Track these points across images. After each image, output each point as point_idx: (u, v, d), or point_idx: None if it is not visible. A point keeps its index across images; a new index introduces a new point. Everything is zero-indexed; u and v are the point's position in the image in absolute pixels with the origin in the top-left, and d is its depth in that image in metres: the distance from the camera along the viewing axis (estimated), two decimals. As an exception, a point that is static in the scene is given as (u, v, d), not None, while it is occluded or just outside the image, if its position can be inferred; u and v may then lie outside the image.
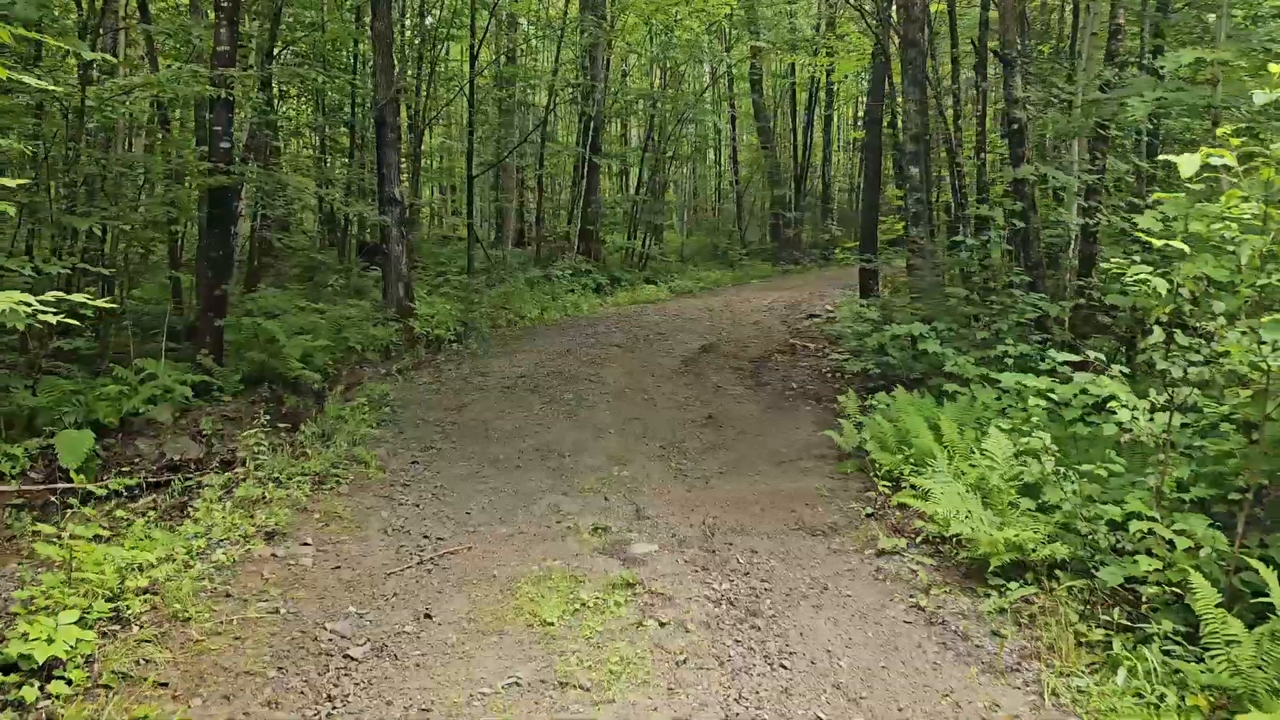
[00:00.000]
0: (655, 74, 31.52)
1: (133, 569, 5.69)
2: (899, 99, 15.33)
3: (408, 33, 25.03)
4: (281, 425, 10.88)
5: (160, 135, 12.96)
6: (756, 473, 8.48)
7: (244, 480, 8.08)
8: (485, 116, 28.03)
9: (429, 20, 24.34)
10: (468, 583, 6.04)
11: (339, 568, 6.30)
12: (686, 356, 13.58)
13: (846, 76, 32.20)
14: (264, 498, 7.55)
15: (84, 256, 9.60)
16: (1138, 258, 5.78)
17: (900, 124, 14.15)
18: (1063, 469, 6.02)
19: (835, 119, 32.27)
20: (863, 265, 16.45)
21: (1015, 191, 10.64)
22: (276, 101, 25.96)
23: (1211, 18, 9.95)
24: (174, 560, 6.09)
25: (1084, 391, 6.67)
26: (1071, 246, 11.39)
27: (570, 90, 24.63)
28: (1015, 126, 10.60)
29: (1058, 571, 5.65)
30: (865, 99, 32.33)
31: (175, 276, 13.97)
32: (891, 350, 10.39)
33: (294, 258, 23.50)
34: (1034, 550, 5.64)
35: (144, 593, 5.54)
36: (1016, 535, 5.59)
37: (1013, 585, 5.60)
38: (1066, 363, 7.67)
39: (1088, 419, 6.65)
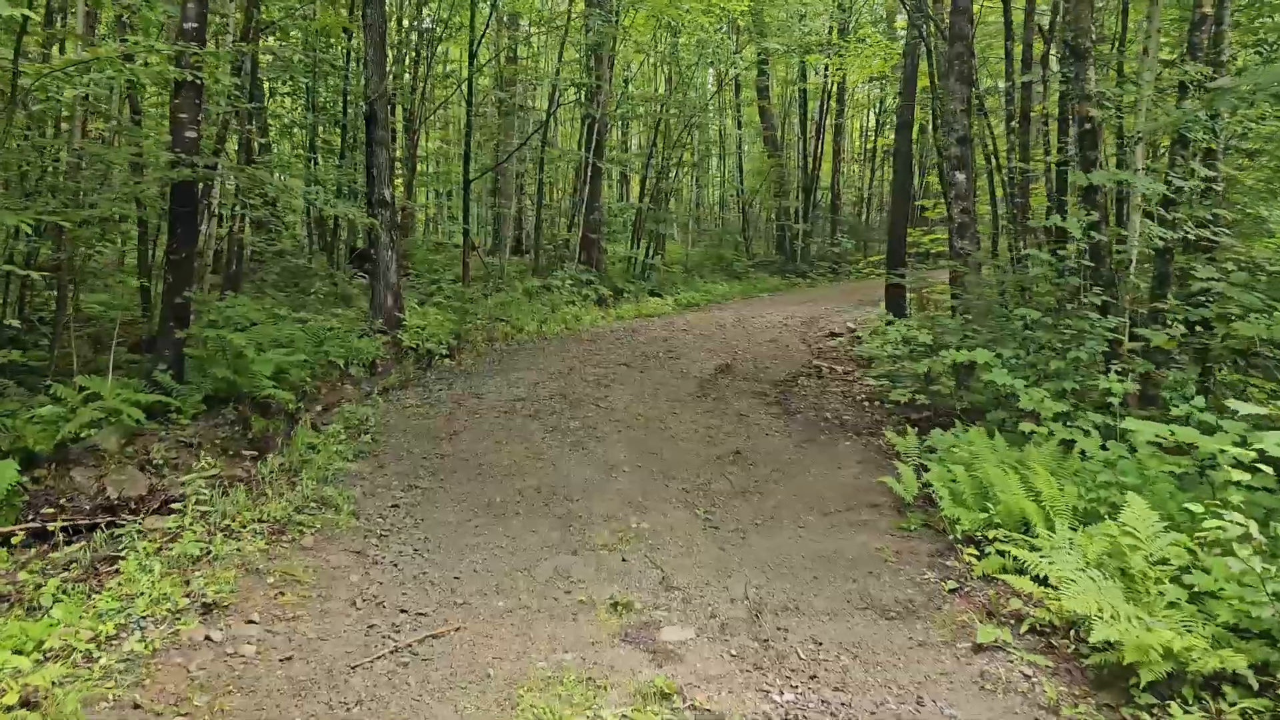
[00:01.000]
0: (659, 79, 30.20)
1: (12, 668, 4.27)
2: (938, 99, 13.99)
3: (404, 31, 23.71)
4: (247, 453, 9.48)
5: (120, 123, 11.52)
6: (800, 525, 7.07)
7: (191, 527, 6.67)
8: (484, 119, 26.67)
9: (426, 18, 23.00)
10: (455, 686, 4.62)
11: (290, 658, 4.87)
12: (702, 378, 12.18)
13: (860, 85, 30.95)
14: (208, 554, 6.13)
15: (10, 258, 8.12)
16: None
17: (940, 127, 12.79)
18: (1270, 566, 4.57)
19: (846, 128, 30.97)
20: (891, 281, 15.09)
21: (1086, 200, 9.28)
22: (266, 99, 24.65)
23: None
24: (74, 650, 4.67)
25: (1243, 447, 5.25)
26: (1133, 264, 10.02)
27: (574, 91, 23.24)
28: (1088, 126, 9.25)
29: (1226, 688, 4.28)
30: (877, 109, 31.13)
31: (145, 283, 12.66)
32: (944, 379, 9.01)
33: (278, 263, 22.12)
34: (1197, 659, 4.25)
35: (19, 707, 4.11)
36: (1181, 642, 4.20)
37: (1174, 709, 4.20)
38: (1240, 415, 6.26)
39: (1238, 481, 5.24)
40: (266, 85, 24.13)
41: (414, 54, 23.52)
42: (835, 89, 28.37)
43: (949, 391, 8.99)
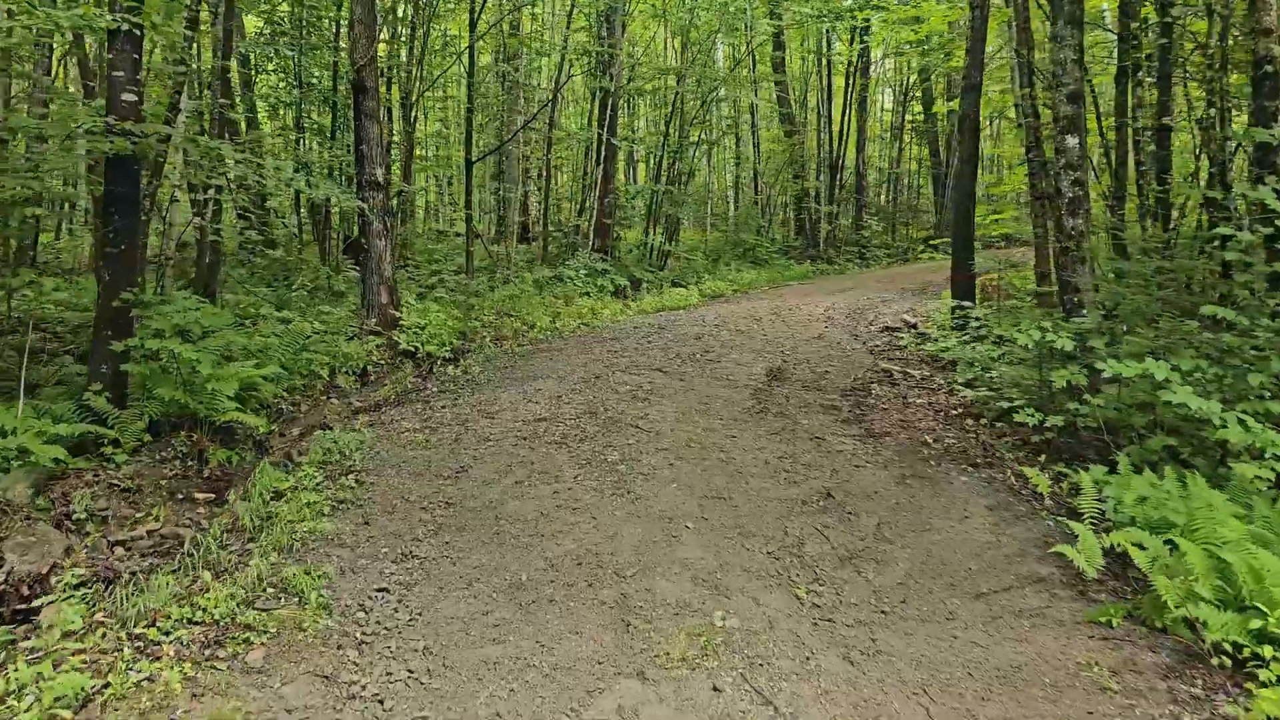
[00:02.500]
0: (671, 52, 28.01)
1: None
2: (1020, 55, 11.90)
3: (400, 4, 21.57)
4: (201, 496, 7.43)
5: (52, 88, 9.42)
6: (947, 617, 5.01)
7: (92, 632, 4.67)
8: (485, 99, 24.51)
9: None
10: None
11: None
12: (754, 387, 10.12)
13: (881, 60, 28.74)
14: (102, 690, 4.09)
15: None
16: None
17: (1048, 82, 10.71)
18: None
19: (869, 104, 28.76)
20: (957, 270, 12.99)
21: (1261, 164, 7.20)
22: (253, 73, 22.51)
23: None
24: None
25: None
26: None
27: (585, 60, 21.06)
28: (1269, 69, 7.15)
29: None
30: (904, 82, 28.94)
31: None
32: (1097, 399, 6.92)
33: (268, 256, 20.04)
34: None
35: None
36: None
37: None
38: None
39: None
40: (253, 60, 22.05)
41: (409, 26, 21.38)
42: (859, 61, 26.20)
43: (1094, 412, 6.92)
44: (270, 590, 5.15)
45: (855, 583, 5.42)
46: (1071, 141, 8.92)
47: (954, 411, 8.99)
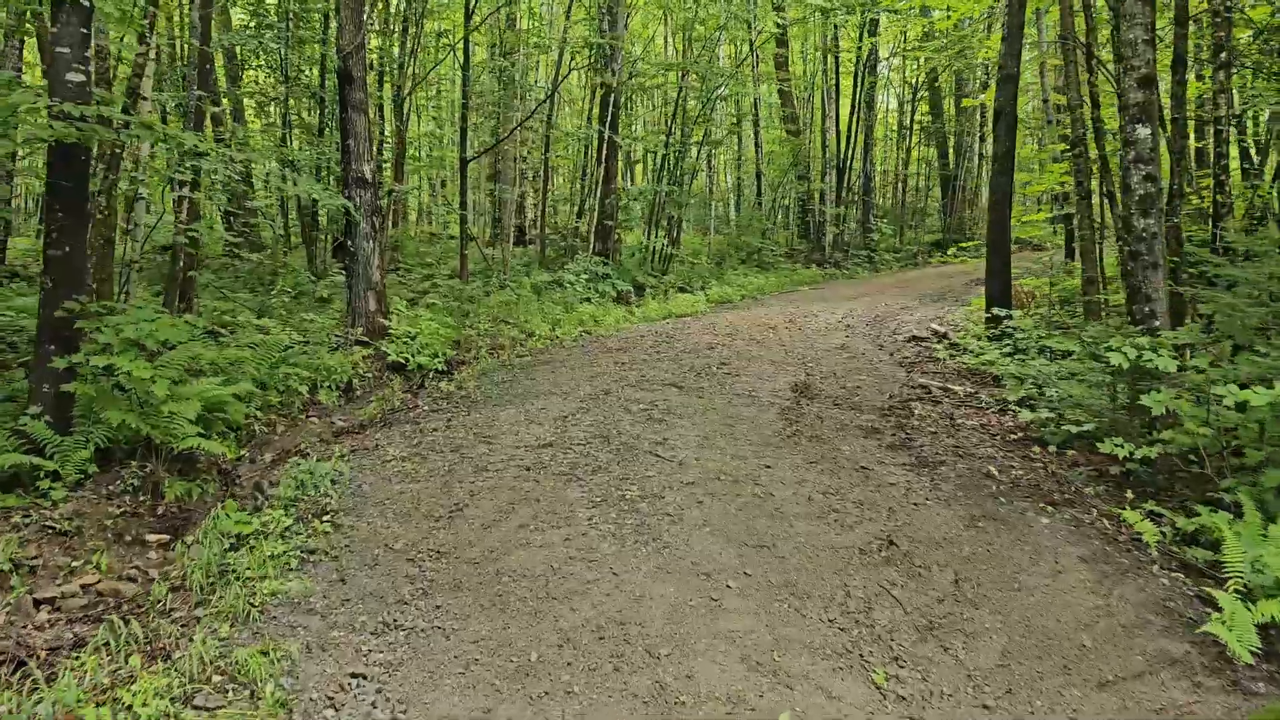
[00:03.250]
0: (672, 51, 27.00)
1: None
2: (1070, 38, 10.90)
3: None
4: (153, 539, 6.35)
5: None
6: (1072, 715, 3.95)
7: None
8: (481, 97, 23.44)
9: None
10: None
11: None
12: (781, 405, 9.06)
13: (889, 60, 27.76)
14: None
15: None
16: None
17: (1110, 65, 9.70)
18: None
19: (876, 104, 27.72)
20: (994, 276, 11.95)
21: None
22: (241, 65, 21.44)
23: None
24: None
25: None
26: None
27: (586, 53, 20.00)
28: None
29: None
30: (913, 81, 27.93)
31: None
32: (1194, 425, 5.87)
33: (253, 259, 18.95)
34: None
35: None
36: None
37: None
38: None
39: None
40: (240, 55, 20.97)
41: (402, 21, 20.31)
42: (868, 59, 25.17)
43: (1204, 442, 5.86)
44: (216, 679, 4.07)
45: (943, 663, 4.35)
46: (1143, 132, 7.90)
47: (1012, 436, 7.93)
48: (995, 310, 11.76)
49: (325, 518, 6.01)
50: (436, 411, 9.02)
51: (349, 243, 11.88)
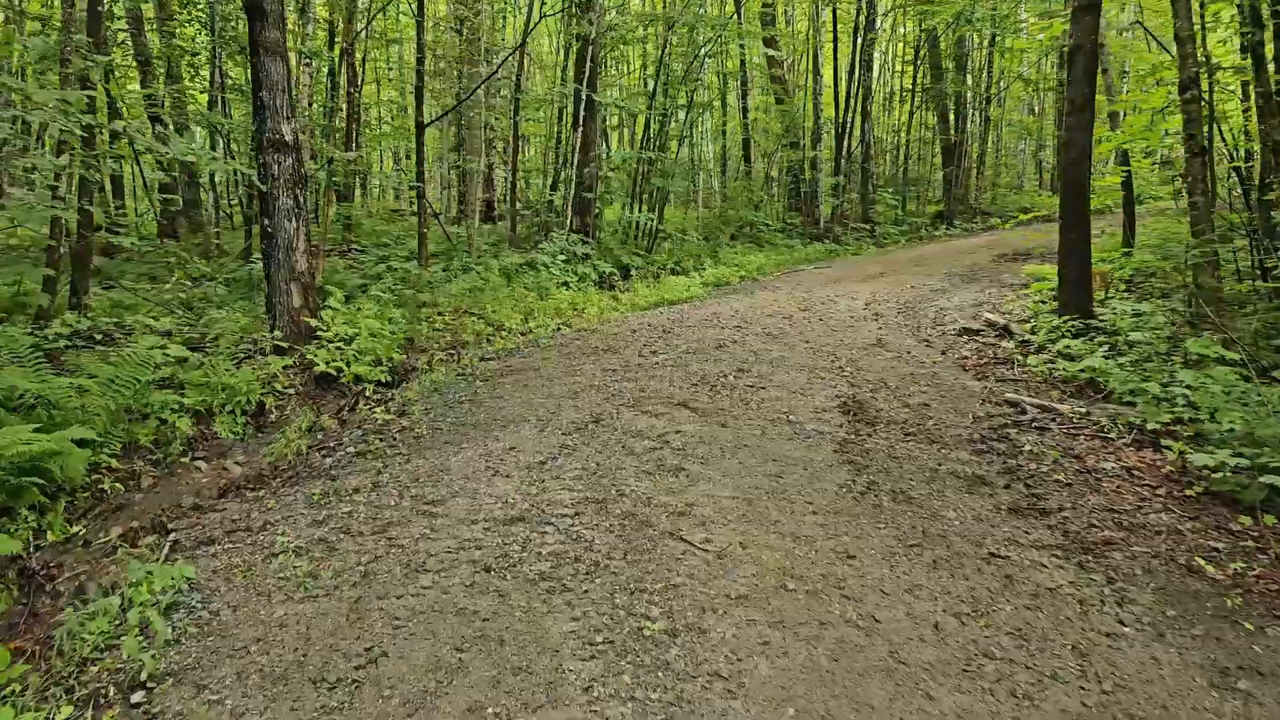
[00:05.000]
0: (650, 4, 24.28)
1: None
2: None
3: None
4: None
5: None
6: None
7: None
8: (440, 54, 20.69)
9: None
10: None
11: None
12: (832, 434, 6.59)
13: (888, 12, 25.16)
14: None
15: None
16: None
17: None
18: None
19: (875, 65, 25.13)
20: (1070, 255, 9.50)
21: None
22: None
23: None
24: None
25: None
26: None
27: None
28: None
29: None
30: (916, 40, 25.37)
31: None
32: None
33: (186, 243, 16.32)
34: None
35: None
36: None
37: None
38: None
39: None
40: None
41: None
42: (867, 13, 22.57)
43: None
44: None
45: None
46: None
47: (1181, 490, 5.49)
48: (1069, 292, 9.35)
49: (137, 694, 3.48)
50: (365, 454, 6.46)
51: (265, 222, 9.26)
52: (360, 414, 7.75)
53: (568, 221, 16.68)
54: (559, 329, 11.87)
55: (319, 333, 9.20)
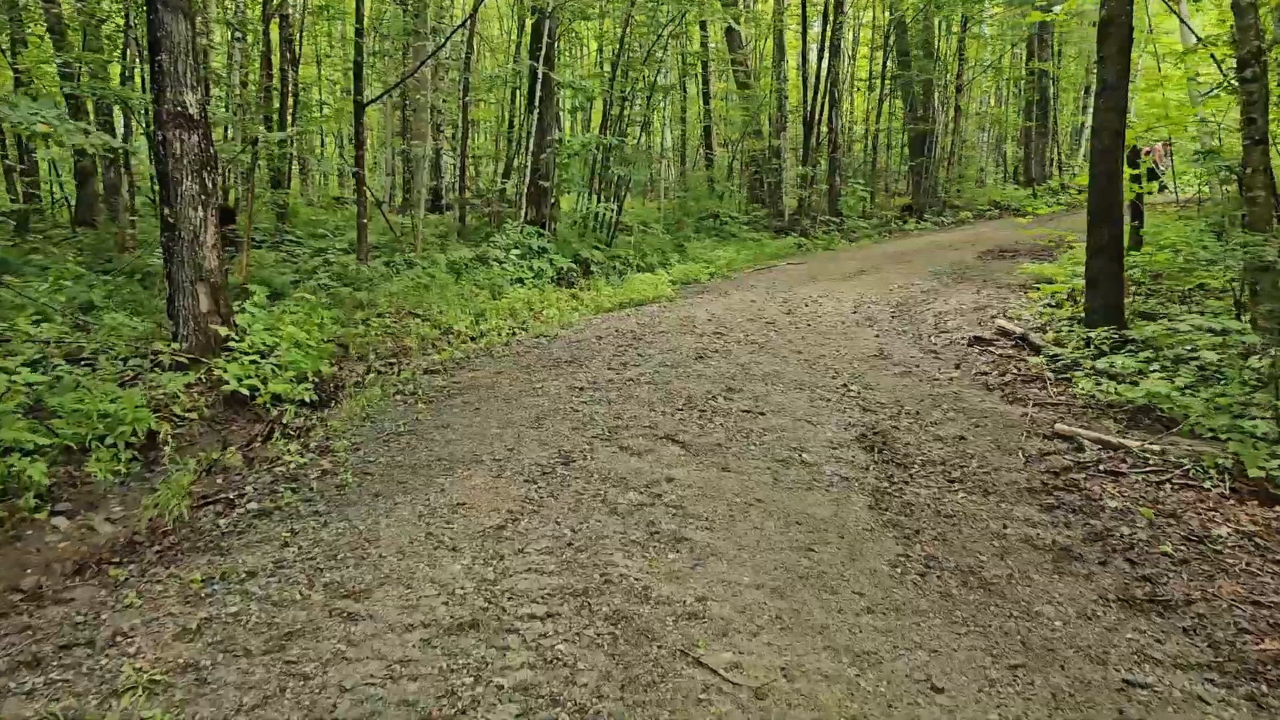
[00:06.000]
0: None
1: None
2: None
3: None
4: None
5: None
6: None
7: None
8: (384, 32, 19.05)
9: None
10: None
11: None
12: (860, 481, 5.28)
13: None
14: None
15: None
16: None
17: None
18: None
19: (843, 51, 23.85)
20: (1100, 253, 8.27)
21: None
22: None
23: None
24: None
25: None
26: None
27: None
28: None
29: None
30: (886, 23, 24.16)
31: None
32: None
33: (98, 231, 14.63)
34: None
35: None
36: None
37: None
38: None
39: None
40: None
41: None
42: (835, -2, 21.31)
43: None
44: None
45: None
46: None
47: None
48: (1099, 294, 8.15)
49: None
50: (270, 514, 4.99)
51: (165, 211, 7.70)
52: (275, 447, 6.26)
53: (522, 212, 15.20)
54: (514, 332, 10.44)
55: (231, 343, 7.68)
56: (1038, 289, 11.44)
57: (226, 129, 19.18)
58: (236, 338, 7.76)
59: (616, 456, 5.74)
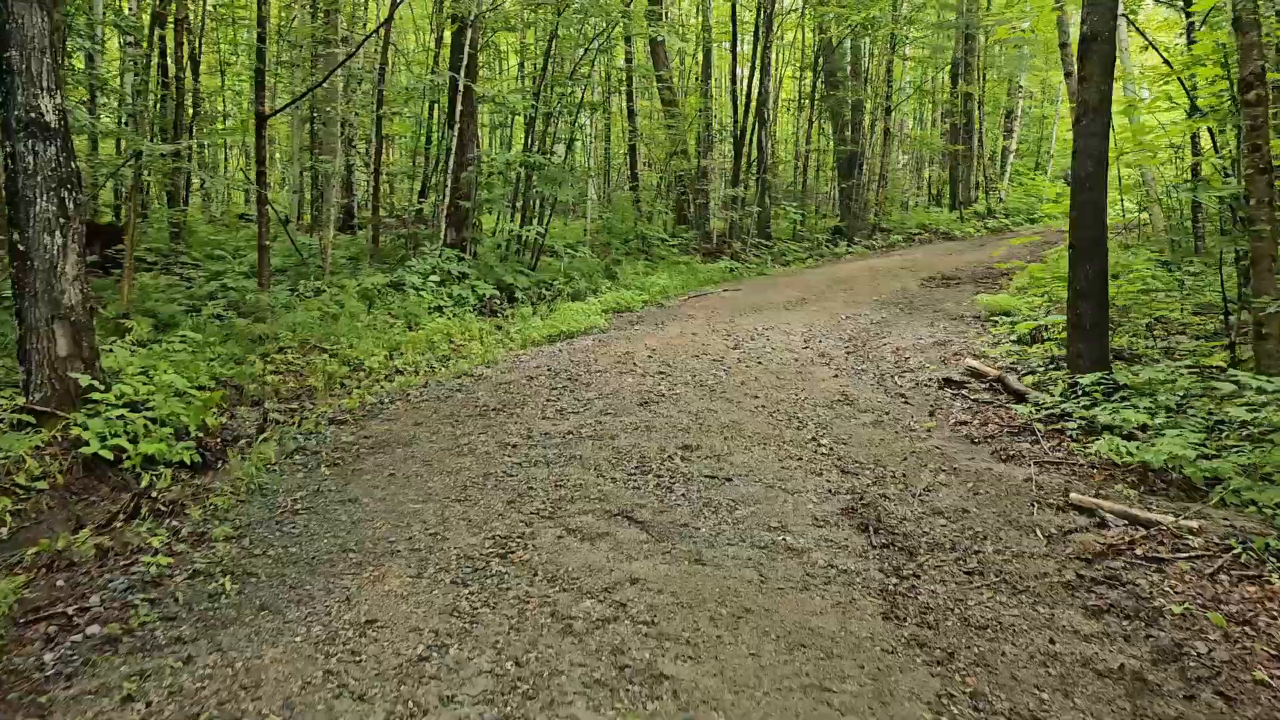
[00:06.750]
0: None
1: None
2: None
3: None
4: None
5: None
6: None
7: None
8: (290, 38, 17.68)
9: None
10: None
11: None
12: (860, 575, 4.33)
13: (788, 11, 23.29)
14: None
15: None
16: None
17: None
18: None
19: (774, 65, 23.16)
20: (1086, 295, 7.50)
21: None
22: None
23: None
24: None
25: None
26: None
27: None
28: None
29: None
30: (814, 38, 23.57)
31: None
32: None
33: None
34: None
35: None
36: None
37: None
38: None
39: None
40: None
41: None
42: (764, 16, 20.63)
43: None
44: None
45: None
46: None
47: None
48: (1090, 347, 7.39)
49: None
50: (113, 646, 3.78)
51: (15, 237, 6.41)
52: (139, 530, 5.04)
53: (441, 234, 14.03)
54: (433, 371, 9.30)
55: (95, 393, 6.41)
56: (996, 322, 10.75)
57: (119, 142, 17.54)
58: (101, 386, 6.49)
59: (564, 543, 4.69)
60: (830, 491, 5.57)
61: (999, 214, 25.86)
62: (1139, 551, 4.68)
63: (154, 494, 5.67)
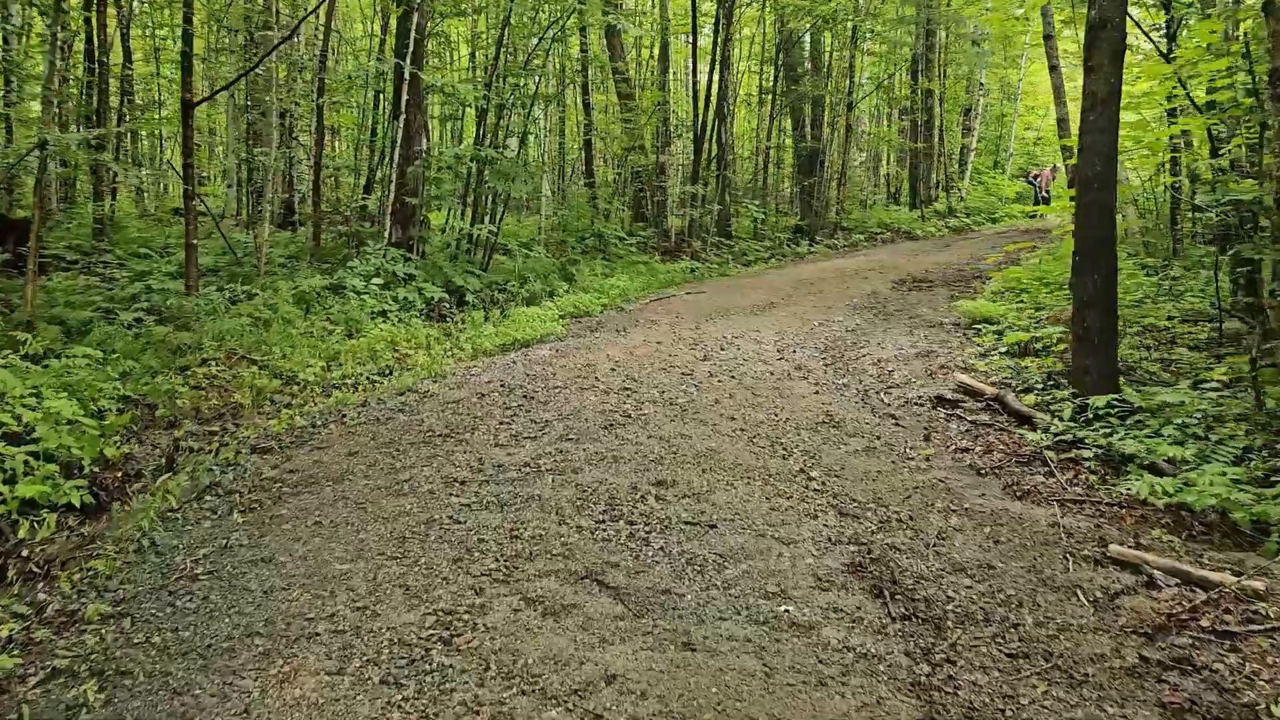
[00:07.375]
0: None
1: None
2: None
3: None
4: None
5: None
6: None
7: None
8: (221, 17, 16.52)
9: None
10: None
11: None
12: (884, 660, 3.55)
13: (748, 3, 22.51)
14: None
15: None
16: None
17: None
18: None
19: (734, 60, 22.33)
20: (1092, 304, 6.78)
21: None
22: None
23: None
24: None
25: None
26: None
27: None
28: None
29: None
30: (776, 33, 22.80)
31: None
32: None
33: None
34: None
35: None
36: None
37: None
38: None
39: None
40: None
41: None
42: (724, 10, 19.85)
43: None
44: None
45: None
46: None
47: None
48: (1097, 364, 6.68)
49: None
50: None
51: None
52: (5, 602, 4.09)
53: (386, 232, 13.03)
54: (373, 386, 8.37)
55: (-36, 423, 5.41)
56: (979, 330, 10.05)
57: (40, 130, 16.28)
58: (-25, 415, 5.50)
59: (522, 620, 3.83)
60: (830, 540, 4.77)
61: (960, 213, 25.35)
62: (1204, 623, 3.93)
63: (27, 551, 4.71)
